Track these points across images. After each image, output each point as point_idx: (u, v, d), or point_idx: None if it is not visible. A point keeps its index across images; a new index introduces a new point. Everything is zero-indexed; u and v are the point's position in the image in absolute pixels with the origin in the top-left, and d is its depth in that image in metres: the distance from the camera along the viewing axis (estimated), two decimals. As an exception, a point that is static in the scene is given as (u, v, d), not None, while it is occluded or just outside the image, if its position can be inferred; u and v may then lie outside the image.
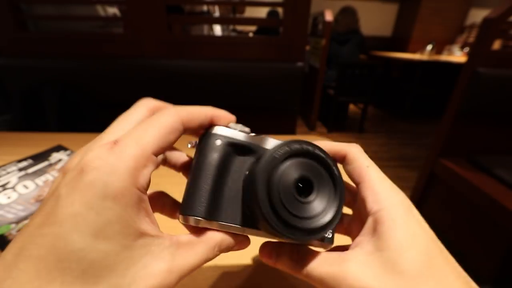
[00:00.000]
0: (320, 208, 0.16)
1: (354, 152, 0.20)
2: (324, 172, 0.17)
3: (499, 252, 0.85)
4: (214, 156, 0.16)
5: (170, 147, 0.16)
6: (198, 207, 0.16)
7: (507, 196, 0.83)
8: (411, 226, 0.16)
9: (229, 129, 0.17)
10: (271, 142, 0.18)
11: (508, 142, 1.05)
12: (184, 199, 0.16)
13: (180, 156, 0.22)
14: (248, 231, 0.17)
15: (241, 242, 0.18)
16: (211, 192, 0.16)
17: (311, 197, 0.16)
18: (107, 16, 0.87)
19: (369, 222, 0.17)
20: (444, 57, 3.01)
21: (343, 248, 0.21)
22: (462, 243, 1.01)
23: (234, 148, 0.17)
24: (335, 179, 0.17)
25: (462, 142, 1.04)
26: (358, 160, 0.19)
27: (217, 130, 0.17)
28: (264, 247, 0.19)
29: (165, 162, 0.22)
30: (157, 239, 0.14)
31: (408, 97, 2.97)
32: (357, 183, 0.19)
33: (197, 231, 0.16)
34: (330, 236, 0.19)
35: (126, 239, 0.12)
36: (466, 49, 3.17)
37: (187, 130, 0.16)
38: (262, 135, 0.18)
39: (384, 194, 0.17)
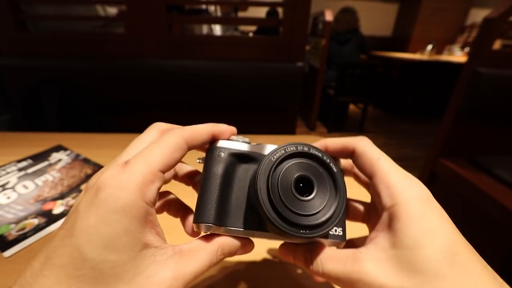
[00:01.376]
0: (320, 205, 0.16)
1: (363, 145, 0.19)
2: (322, 171, 0.17)
3: (500, 252, 0.85)
4: (218, 167, 0.18)
5: (176, 164, 0.17)
6: (207, 214, 0.17)
7: (507, 196, 0.83)
8: (430, 221, 0.15)
9: (230, 142, 0.19)
10: (270, 148, 0.19)
11: (509, 142, 1.05)
12: (196, 209, 0.18)
13: (191, 170, 0.23)
14: (257, 234, 0.18)
15: (245, 246, 0.19)
16: (219, 200, 0.18)
17: (311, 195, 0.17)
18: (107, 16, 0.87)
19: (384, 217, 0.17)
20: (445, 57, 3.01)
21: (359, 243, 0.21)
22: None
23: (237, 157, 0.19)
24: (334, 177, 0.17)
25: (462, 142, 1.04)
26: (367, 153, 0.18)
27: (220, 143, 0.19)
28: (281, 247, 0.20)
29: (176, 177, 0.22)
30: (160, 250, 0.15)
31: (408, 97, 2.96)
32: (369, 177, 0.18)
33: (201, 238, 0.18)
34: (341, 233, 0.19)
35: (132, 250, 0.14)
36: (467, 49, 3.17)
37: (191, 147, 0.18)
38: (262, 143, 0.19)
39: (399, 187, 0.16)
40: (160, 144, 0.16)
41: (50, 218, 0.36)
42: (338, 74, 2.24)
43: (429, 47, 3.14)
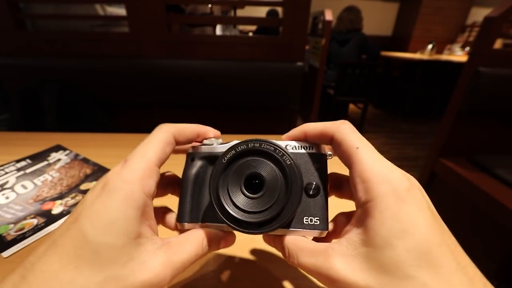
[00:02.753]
0: (270, 202, 0.17)
1: (341, 132, 0.18)
2: (274, 167, 0.17)
3: (500, 252, 0.85)
4: (190, 172, 0.21)
5: (167, 158, 0.19)
6: (184, 215, 0.20)
7: (507, 196, 0.82)
8: (404, 219, 0.14)
9: (203, 146, 0.21)
10: None
11: (509, 141, 1.05)
12: (177, 210, 0.20)
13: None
14: (227, 227, 0.19)
15: (226, 237, 0.20)
16: (192, 201, 0.20)
17: (261, 193, 0.17)
18: (105, 15, 0.87)
19: (358, 213, 0.16)
20: (445, 57, 3.01)
21: (337, 232, 0.21)
22: (462, 243, 1.00)
23: (207, 160, 0.21)
24: (285, 172, 0.17)
25: (463, 142, 1.04)
26: (346, 141, 0.17)
27: (193, 149, 0.21)
28: (265, 236, 0.20)
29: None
30: (151, 240, 0.16)
31: (408, 96, 2.96)
32: (348, 168, 0.17)
33: (188, 232, 0.19)
34: (318, 223, 0.18)
35: (127, 236, 0.15)
36: (467, 48, 3.16)
37: (178, 143, 0.20)
38: (232, 141, 0.20)
39: (375, 181, 0.15)
40: (153, 140, 0.18)
41: (49, 218, 0.36)
42: (338, 74, 2.24)
43: (430, 46, 3.13)
